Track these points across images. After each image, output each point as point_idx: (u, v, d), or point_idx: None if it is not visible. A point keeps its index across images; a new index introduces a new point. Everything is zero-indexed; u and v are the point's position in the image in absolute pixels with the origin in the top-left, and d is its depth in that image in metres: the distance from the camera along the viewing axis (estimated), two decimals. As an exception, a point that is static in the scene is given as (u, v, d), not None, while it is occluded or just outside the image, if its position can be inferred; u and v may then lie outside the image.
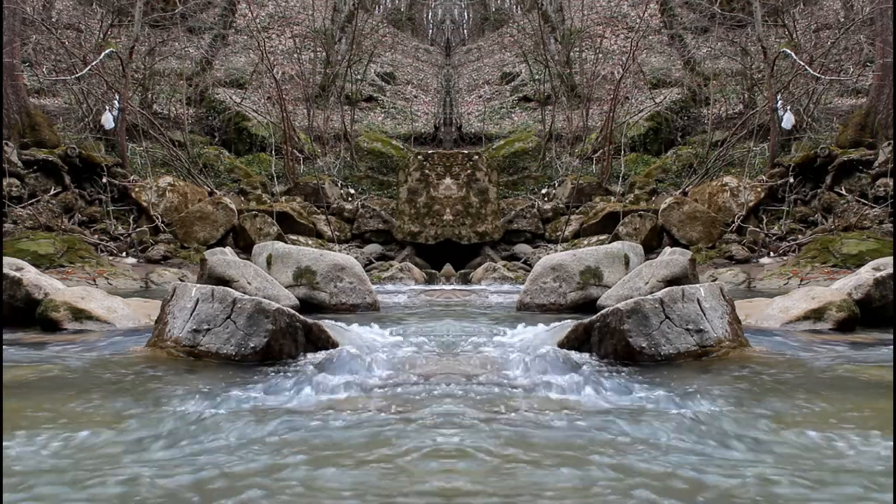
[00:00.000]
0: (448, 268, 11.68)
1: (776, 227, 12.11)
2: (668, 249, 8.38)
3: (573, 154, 15.12)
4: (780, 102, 12.87)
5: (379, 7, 21.33)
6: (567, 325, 4.72)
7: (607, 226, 12.68)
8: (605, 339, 4.21)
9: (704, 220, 12.23)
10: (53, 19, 14.95)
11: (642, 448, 2.70)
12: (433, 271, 11.68)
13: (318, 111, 15.84)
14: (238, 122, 15.45)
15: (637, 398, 3.42)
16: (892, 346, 4.62)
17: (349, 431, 2.93)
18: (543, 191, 14.18)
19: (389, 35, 19.95)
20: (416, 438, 2.80)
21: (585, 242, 12.24)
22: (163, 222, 12.09)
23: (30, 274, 5.89)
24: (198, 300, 4.39)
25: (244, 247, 11.18)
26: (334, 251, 10.22)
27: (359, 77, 17.18)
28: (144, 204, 12.24)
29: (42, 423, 2.98)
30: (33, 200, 11.38)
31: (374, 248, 12.76)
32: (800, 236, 11.71)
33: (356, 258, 8.58)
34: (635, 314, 4.17)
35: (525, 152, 15.12)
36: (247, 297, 4.38)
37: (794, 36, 14.95)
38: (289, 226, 12.62)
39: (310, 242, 12.10)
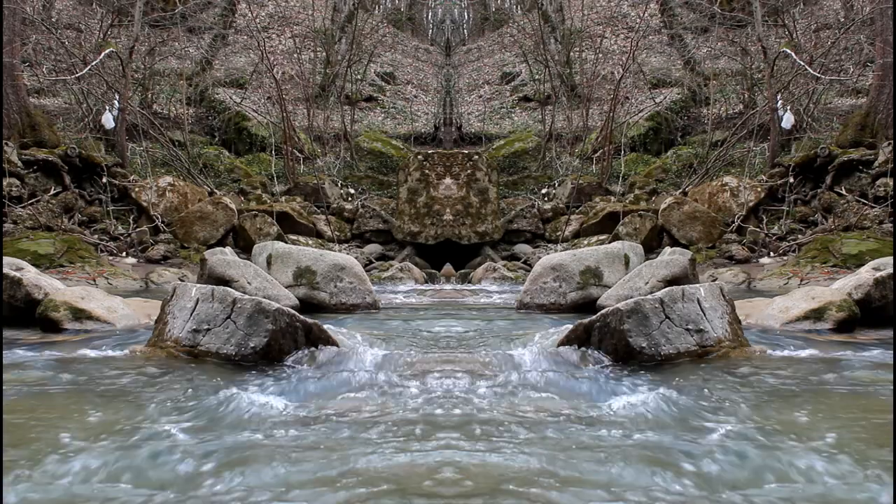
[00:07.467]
0: (448, 268, 11.68)
1: (776, 227, 12.11)
2: (668, 249, 8.38)
3: (573, 154, 15.14)
4: (780, 102, 12.88)
5: (379, 7, 21.34)
6: (568, 325, 4.72)
7: (607, 226, 12.68)
8: (605, 338, 4.20)
9: (704, 220, 12.22)
10: (53, 19, 14.95)
11: (636, 447, 2.70)
12: (433, 271, 11.67)
13: (318, 111, 15.86)
14: (238, 122, 15.46)
15: (635, 398, 3.41)
16: (891, 347, 4.61)
17: (349, 432, 2.93)
18: (543, 191, 14.18)
19: (389, 35, 19.96)
20: (413, 438, 2.80)
21: (585, 242, 12.24)
22: (163, 222, 12.10)
23: (30, 274, 5.89)
24: (198, 300, 4.39)
25: (244, 247, 11.19)
26: (334, 251, 10.22)
27: (359, 77, 17.20)
28: (144, 204, 12.25)
29: (41, 424, 2.98)
30: (33, 200, 11.38)
31: (374, 248, 12.76)
32: (800, 236, 11.71)
33: (356, 258, 8.57)
34: (635, 314, 4.17)
35: (525, 152, 15.13)
36: (247, 297, 4.38)
37: (794, 36, 14.95)
38: (289, 226, 12.62)
39: (310, 242, 12.10)
